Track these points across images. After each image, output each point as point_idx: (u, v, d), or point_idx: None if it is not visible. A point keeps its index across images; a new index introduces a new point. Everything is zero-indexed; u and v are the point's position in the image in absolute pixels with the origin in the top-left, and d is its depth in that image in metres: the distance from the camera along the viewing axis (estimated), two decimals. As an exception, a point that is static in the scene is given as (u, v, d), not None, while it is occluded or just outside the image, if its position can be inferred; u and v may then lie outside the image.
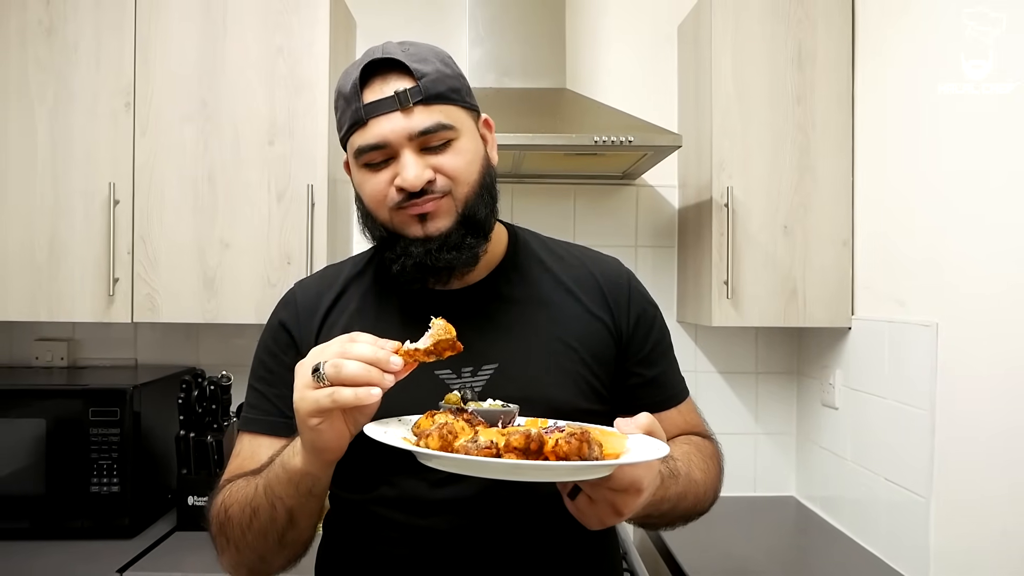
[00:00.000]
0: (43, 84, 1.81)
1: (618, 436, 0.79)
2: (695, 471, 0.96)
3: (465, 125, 0.94)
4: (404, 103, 0.89)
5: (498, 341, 0.97)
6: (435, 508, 0.92)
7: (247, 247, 1.83)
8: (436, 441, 0.74)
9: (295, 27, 1.83)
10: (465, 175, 0.93)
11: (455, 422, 0.76)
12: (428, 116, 0.90)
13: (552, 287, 1.02)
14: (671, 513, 0.93)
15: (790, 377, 2.19)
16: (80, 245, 1.82)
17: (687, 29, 2.11)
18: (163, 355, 2.17)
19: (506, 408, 0.85)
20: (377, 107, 0.90)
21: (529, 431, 0.72)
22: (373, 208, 0.94)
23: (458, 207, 0.93)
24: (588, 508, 0.79)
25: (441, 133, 0.91)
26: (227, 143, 1.83)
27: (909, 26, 1.65)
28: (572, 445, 0.70)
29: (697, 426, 1.10)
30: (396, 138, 0.90)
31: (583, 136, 1.70)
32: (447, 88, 0.92)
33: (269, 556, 0.91)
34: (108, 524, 1.74)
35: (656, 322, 1.06)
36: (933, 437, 1.50)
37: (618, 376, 1.02)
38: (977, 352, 1.42)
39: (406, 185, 0.90)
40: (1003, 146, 1.37)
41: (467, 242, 0.93)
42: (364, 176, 0.94)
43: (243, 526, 0.89)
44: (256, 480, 0.89)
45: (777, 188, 1.87)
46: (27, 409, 1.75)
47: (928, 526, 1.51)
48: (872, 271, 1.80)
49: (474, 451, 0.71)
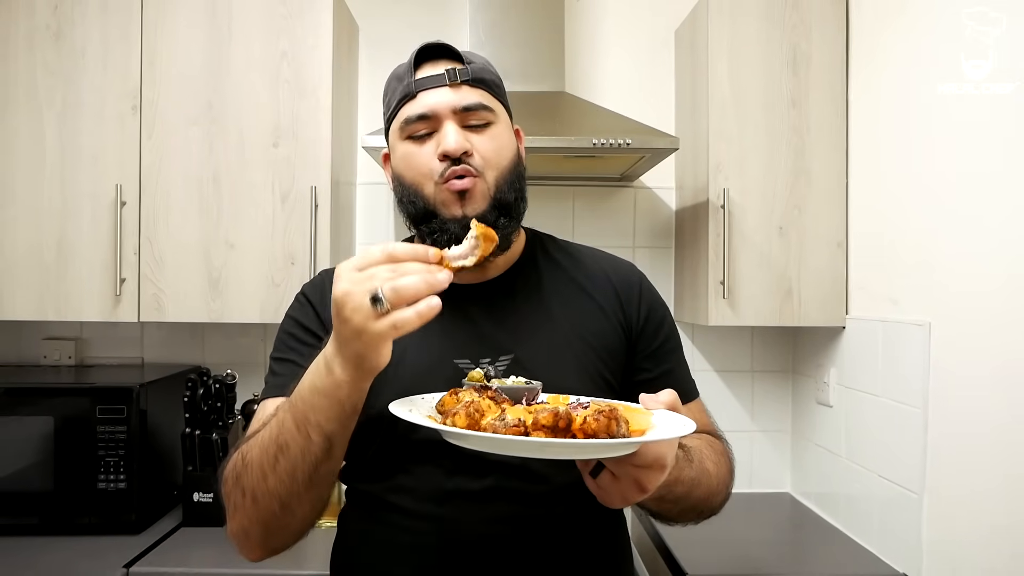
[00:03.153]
0: (51, 88, 1.84)
1: (643, 412, 0.78)
2: (707, 462, 0.98)
3: (502, 116, 1.02)
4: (453, 79, 0.97)
5: (514, 333, 1.00)
6: (451, 496, 0.93)
7: (252, 248, 1.85)
8: (463, 420, 0.72)
9: (299, 32, 1.85)
10: (497, 159, 0.99)
11: (481, 400, 0.75)
12: (473, 95, 0.98)
13: (567, 284, 1.06)
14: (685, 499, 0.93)
15: (785, 375, 2.21)
16: (87, 246, 1.84)
17: (684, 33, 2.13)
18: (169, 354, 2.19)
19: (529, 385, 0.84)
20: (428, 81, 0.98)
21: (557, 409, 0.71)
22: (419, 182, 0.98)
23: (491, 191, 0.98)
24: (612, 485, 0.78)
25: (482, 113, 0.98)
26: (232, 145, 1.85)
27: (902, 29, 1.67)
28: (600, 423, 0.69)
29: (706, 426, 1.10)
30: (442, 109, 0.97)
31: (582, 139, 1.72)
32: (491, 79, 1.02)
33: (293, 503, 0.85)
34: (115, 520, 1.75)
35: (666, 321, 1.10)
36: (926, 434, 1.51)
37: (627, 371, 1.05)
38: (969, 350, 1.43)
39: (448, 150, 0.95)
40: (994, 147, 1.39)
41: (500, 223, 0.97)
42: (408, 148, 0.99)
43: (265, 467, 0.84)
44: (277, 419, 0.84)
45: (772, 190, 1.89)
46: (35, 407, 1.76)
47: (921, 521, 1.52)
48: (866, 271, 1.82)
49: (502, 429, 0.69)
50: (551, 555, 0.95)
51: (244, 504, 0.87)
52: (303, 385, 0.82)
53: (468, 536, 0.93)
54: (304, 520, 0.90)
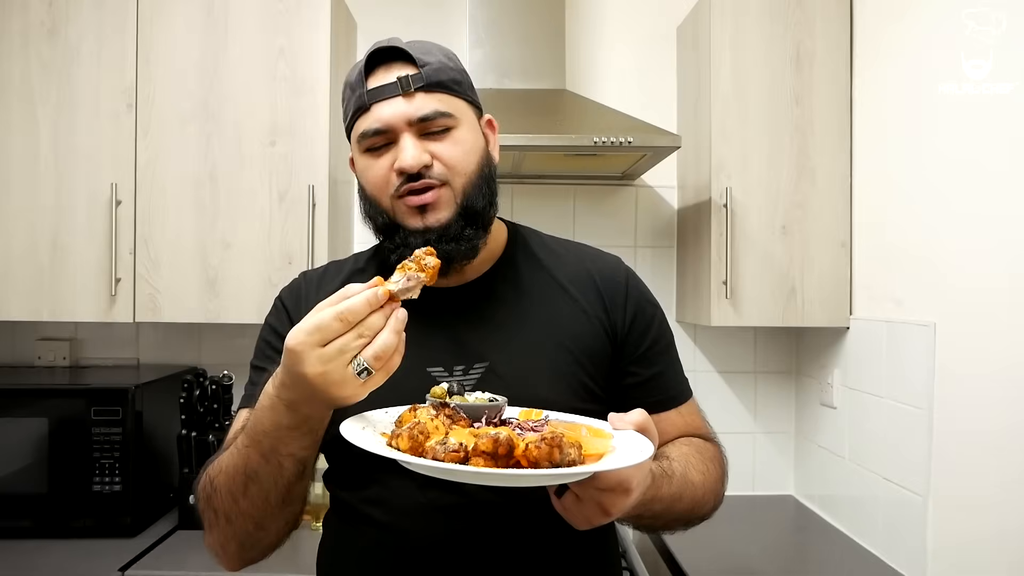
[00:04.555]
0: (45, 85, 1.82)
1: (604, 436, 0.77)
2: (692, 473, 0.94)
3: (465, 116, 0.96)
4: (406, 88, 0.92)
5: (490, 340, 0.96)
6: (423, 510, 0.90)
7: (248, 247, 1.83)
8: (406, 442, 0.72)
9: (296, 28, 1.84)
10: (462, 165, 0.94)
11: (429, 421, 0.74)
12: (428, 102, 0.92)
13: (547, 286, 1.02)
14: (665, 515, 0.91)
15: (788, 377, 2.20)
16: (82, 245, 1.82)
17: (686, 30, 2.12)
18: (165, 355, 2.17)
19: (492, 402, 0.83)
20: (380, 92, 0.92)
21: (499, 435, 0.69)
22: (375, 195, 0.95)
23: (457, 198, 0.93)
24: (575, 507, 0.77)
25: (440, 120, 0.93)
26: (228, 143, 1.83)
27: (907, 26, 1.65)
28: (542, 451, 0.68)
29: (699, 429, 1.07)
30: (397, 122, 0.92)
31: (583, 137, 1.70)
32: (448, 79, 0.95)
33: (267, 521, 0.87)
34: (110, 523, 1.74)
35: (655, 320, 1.04)
36: (931, 436, 1.50)
37: (613, 376, 1.01)
38: (974, 351, 1.42)
39: (404, 167, 0.91)
40: (1001, 145, 1.37)
41: (466, 233, 0.94)
42: (366, 162, 0.95)
43: (235, 493, 0.85)
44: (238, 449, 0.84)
45: (776, 189, 1.87)
46: (30, 408, 1.75)
47: (925, 524, 1.51)
48: (870, 271, 1.80)
49: (442, 454, 0.69)
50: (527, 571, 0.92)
51: (218, 523, 0.89)
52: (262, 422, 0.81)
53: (441, 551, 0.90)
54: (279, 533, 0.91)
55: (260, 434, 0.81)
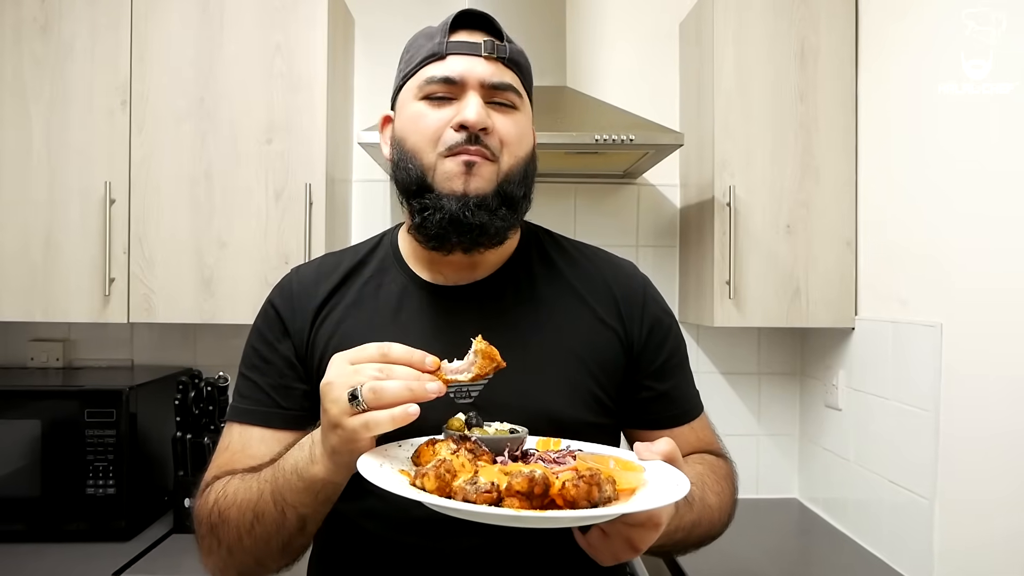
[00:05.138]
0: (38, 81, 1.80)
1: (635, 468, 0.74)
2: (709, 495, 0.92)
3: (526, 106, 0.97)
4: (490, 52, 0.91)
5: (501, 344, 0.92)
6: (421, 526, 0.87)
7: (244, 247, 1.81)
8: (432, 482, 0.69)
9: (293, 24, 1.82)
10: (516, 145, 0.93)
11: (454, 459, 0.71)
12: (506, 74, 0.92)
13: (561, 291, 0.98)
14: (684, 542, 0.90)
15: (793, 378, 2.18)
16: (75, 245, 1.80)
17: (689, 26, 2.10)
18: (160, 356, 2.15)
19: (514, 434, 0.80)
20: (463, 46, 0.91)
21: (533, 474, 0.66)
22: (419, 147, 0.91)
23: (499, 176, 0.91)
24: (601, 543, 0.75)
25: (510, 95, 0.92)
26: (224, 141, 1.81)
27: (914, 22, 1.63)
28: (580, 489, 0.66)
29: (711, 444, 1.04)
30: (471, 78, 0.90)
31: (584, 134, 1.69)
32: (525, 65, 0.96)
33: (267, 560, 0.87)
34: (104, 526, 1.73)
35: (671, 333, 1.01)
36: (937, 438, 1.49)
37: (627, 389, 0.98)
38: (982, 352, 1.41)
39: (468, 121, 0.88)
40: (1008, 144, 1.36)
41: (500, 212, 0.90)
42: (421, 109, 0.91)
43: (241, 530, 0.85)
44: (258, 484, 0.84)
45: (780, 187, 1.85)
46: (22, 410, 1.73)
47: (932, 528, 1.50)
48: (876, 271, 1.79)
49: (473, 495, 0.66)
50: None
51: (219, 552, 0.88)
52: (287, 460, 0.82)
53: (436, 565, 0.88)
54: (286, 566, 0.91)
55: (279, 472, 0.82)
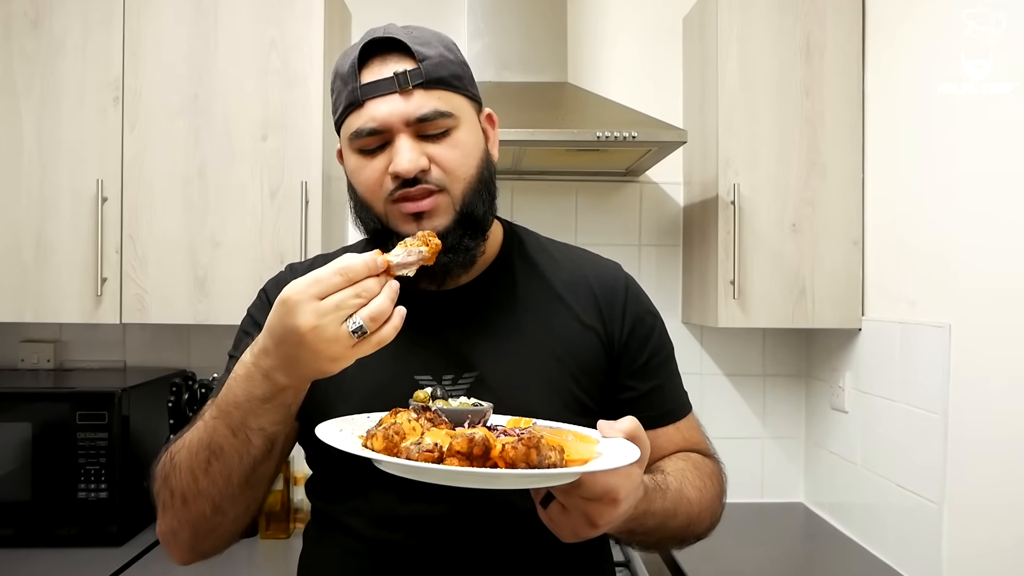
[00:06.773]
0: (29, 77, 1.77)
1: (590, 441, 0.75)
2: (688, 488, 0.91)
3: (465, 115, 0.90)
4: (403, 85, 0.85)
5: (481, 349, 0.92)
6: (404, 523, 0.88)
7: (239, 246, 1.79)
8: (380, 442, 0.70)
9: (288, 20, 1.79)
10: (462, 169, 0.89)
11: (406, 423, 0.73)
12: (428, 101, 0.86)
13: (543, 293, 0.97)
14: (659, 531, 0.87)
15: (798, 380, 2.16)
16: (67, 244, 1.78)
17: (692, 21, 2.08)
18: (153, 357, 2.13)
19: (476, 407, 0.80)
20: (375, 88, 0.86)
21: (474, 435, 0.68)
22: (368, 199, 0.90)
23: (456, 205, 0.88)
24: (561, 518, 0.75)
25: (440, 121, 0.87)
26: (218, 138, 1.79)
27: (922, 18, 1.61)
28: (519, 451, 0.66)
29: (698, 444, 1.03)
30: (393, 122, 0.86)
31: (585, 132, 1.67)
32: (449, 74, 0.89)
33: (226, 504, 0.84)
34: (96, 531, 1.71)
35: (655, 331, 1.00)
36: (946, 441, 1.48)
37: (609, 389, 0.97)
38: (991, 354, 1.39)
39: (400, 171, 0.85)
40: (1017, 142, 1.34)
41: (464, 243, 0.89)
42: (358, 163, 0.89)
43: (196, 470, 0.82)
44: (205, 423, 0.82)
45: (785, 185, 1.83)
46: (12, 413, 1.72)
47: (940, 533, 1.49)
48: (883, 271, 1.77)
49: (416, 454, 0.67)
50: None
51: (173, 504, 0.85)
52: (235, 393, 0.79)
53: (423, 563, 0.88)
54: (236, 522, 0.88)
55: (231, 405, 0.79)
